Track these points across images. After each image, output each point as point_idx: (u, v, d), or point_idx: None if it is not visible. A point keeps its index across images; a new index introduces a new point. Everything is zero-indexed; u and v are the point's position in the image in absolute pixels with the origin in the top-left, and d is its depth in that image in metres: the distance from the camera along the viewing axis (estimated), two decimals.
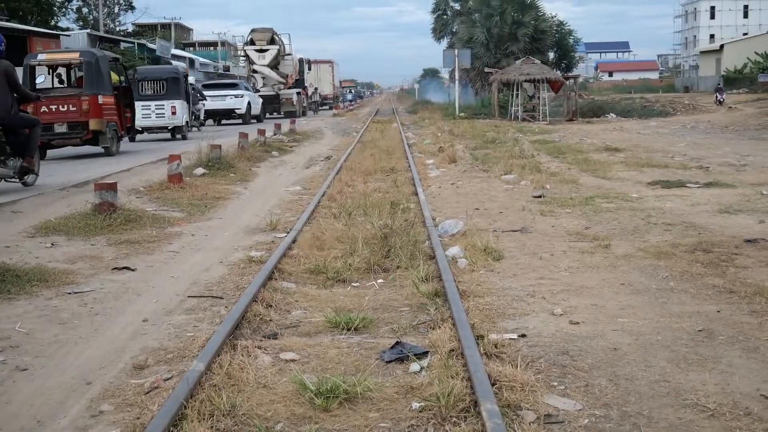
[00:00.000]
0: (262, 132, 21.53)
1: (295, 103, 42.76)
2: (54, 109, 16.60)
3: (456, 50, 42.11)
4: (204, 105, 31.60)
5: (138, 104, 20.56)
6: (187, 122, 24.63)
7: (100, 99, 17.01)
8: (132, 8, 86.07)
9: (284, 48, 44.15)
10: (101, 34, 67.50)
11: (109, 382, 4.42)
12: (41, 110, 15.61)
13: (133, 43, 68.23)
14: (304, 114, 45.44)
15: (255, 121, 34.99)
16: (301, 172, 15.88)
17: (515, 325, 5.29)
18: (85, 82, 17.15)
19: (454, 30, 55.12)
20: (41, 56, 18.06)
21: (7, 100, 11.10)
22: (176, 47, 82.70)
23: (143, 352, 4.87)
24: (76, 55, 17.89)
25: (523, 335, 5.04)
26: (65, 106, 16.84)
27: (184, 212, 10.32)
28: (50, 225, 8.88)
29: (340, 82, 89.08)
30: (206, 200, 11.28)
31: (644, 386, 4.14)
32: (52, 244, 8.09)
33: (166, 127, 24.25)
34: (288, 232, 8.58)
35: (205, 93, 32.68)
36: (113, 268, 7.12)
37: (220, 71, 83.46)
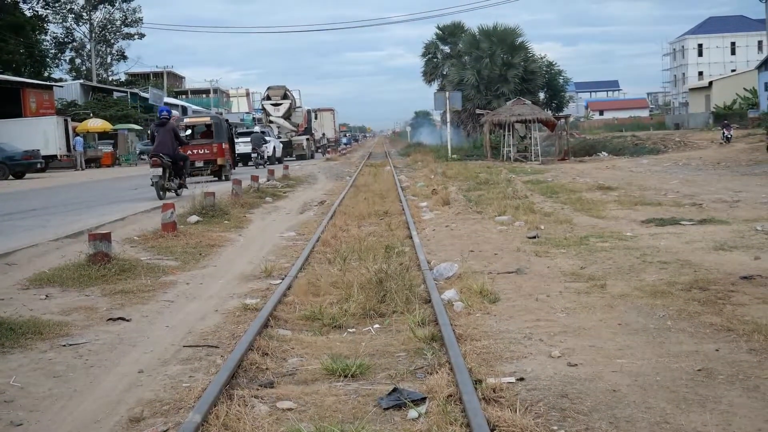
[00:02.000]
0: (255, 178, 21.57)
1: (305, 147, 51.61)
2: (195, 152, 25.00)
3: (447, 92, 42.45)
4: (267, 147, 39.71)
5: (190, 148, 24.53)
6: (230, 163, 28.17)
7: (223, 145, 26.24)
8: (124, 58, 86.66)
9: (295, 102, 52.47)
10: (94, 84, 67.94)
11: None
12: (188, 152, 22.10)
13: (126, 92, 68.63)
14: (312, 156, 52.71)
15: (277, 162, 40.71)
16: (295, 217, 15.88)
17: (513, 368, 5.26)
18: (214, 135, 26.32)
19: (444, 72, 55.62)
20: (186, 120, 28.53)
21: (174, 144, 18.99)
22: (169, 95, 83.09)
23: (139, 404, 4.83)
24: (208, 119, 28.64)
25: (522, 378, 5.01)
26: (202, 150, 25.85)
27: (179, 261, 10.29)
28: (44, 276, 8.85)
29: (339, 126, 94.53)
30: (201, 248, 11.25)
31: (645, 428, 4.12)
32: (47, 296, 8.05)
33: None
34: (283, 279, 8.55)
35: (238, 140, 36.55)
36: (108, 319, 7.08)
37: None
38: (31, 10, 74.65)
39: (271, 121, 50.00)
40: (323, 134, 68.85)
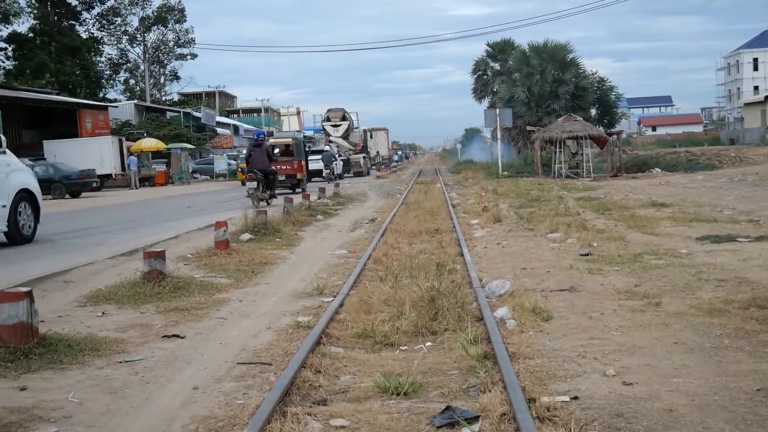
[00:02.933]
0: (306, 196, 21.72)
1: (362, 165, 55.54)
2: (278, 168, 27.32)
3: (497, 109, 42.36)
4: (336, 164, 45.36)
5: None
6: (306, 178, 32.62)
7: (302, 162, 31.27)
8: (177, 78, 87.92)
9: (353, 123, 57.89)
10: (147, 104, 69.00)
11: None
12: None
13: (179, 111, 69.57)
14: (368, 173, 56.42)
15: (338, 178, 44.31)
16: (346, 235, 15.93)
17: (567, 387, 5.21)
18: (294, 153, 31.06)
19: (494, 90, 55.61)
20: (271, 140, 32.12)
21: (267, 161, 23.31)
22: (221, 115, 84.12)
23: (194, 420, 4.87)
24: (290, 139, 33.59)
25: (576, 397, 4.96)
26: (284, 166, 29.64)
27: (232, 278, 10.37)
28: (101, 294, 8.99)
29: (392, 144, 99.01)
30: (253, 266, 11.34)
31: None
32: (103, 313, 8.18)
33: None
34: (335, 296, 8.58)
35: (311, 158, 40.69)
36: (163, 336, 7.16)
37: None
38: (87, 33, 76.20)
39: (330, 141, 54.30)
40: (377, 152, 72.95)
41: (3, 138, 14.44)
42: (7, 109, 42.84)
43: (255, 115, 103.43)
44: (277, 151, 30.03)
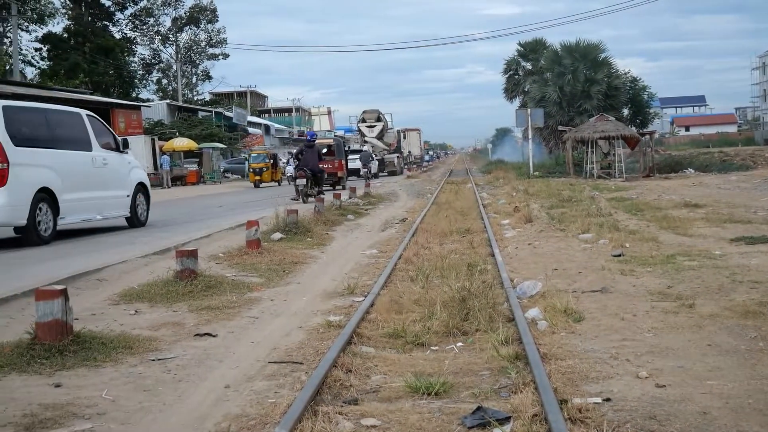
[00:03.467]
0: (337, 196, 21.77)
1: (396, 164, 58.73)
2: (323, 167, 28.54)
3: (528, 109, 42.23)
4: (372, 164, 48.58)
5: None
6: (345, 175, 36.66)
7: (342, 161, 35.95)
8: (209, 78, 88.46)
9: (387, 124, 59.88)
10: (180, 103, 69.48)
11: None
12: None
13: (211, 111, 70.00)
14: (401, 172, 58.38)
15: (374, 177, 47.27)
16: (376, 235, 15.95)
17: (599, 388, 5.19)
18: (335, 153, 35.24)
19: (526, 89, 55.40)
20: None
21: (317, 161, 25.72)
22: (252, 114, 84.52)
23: (226, 419, 4.90)
24: (332, 140, 38.68)
25: (608, 399, 4.94)
26: (327, 165, 31.19)
27: (263, 277, 10.42)
28: (133, 292, 9.06)
29: (424, 143, 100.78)
30: (284, 265, 11.38)
31: None
32: (136, 311, 8.24)
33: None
34: (366, 296, 8.59)
35: (350, 157, 43.62)
36: (195, 335, 7.21)
37: (294, 137, 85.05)
38: (120, 33, 76.92)
39: (365, 141, 55.91)
40: (409, 152, 74.98)
41: (127, 140, 17.44)
42: None
43: (286, 114, 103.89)
44: (324, 151, 32.32)
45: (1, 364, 6.07)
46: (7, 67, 56.39)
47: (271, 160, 46.69)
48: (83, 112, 16.29)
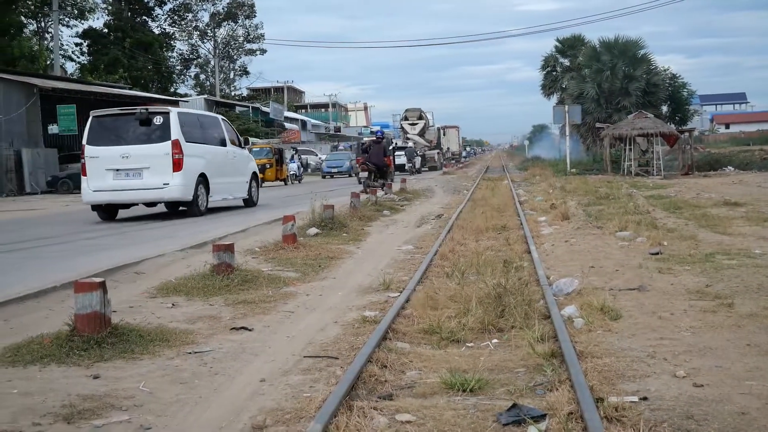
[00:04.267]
0: (373, 191, 21.78)
1: (436, 160, 61.61)
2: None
3: (566, 106, 41.95)
4: (416, 160, 51.74)
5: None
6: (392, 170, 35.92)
7: (390, 157, 33.55)
8: (246, 73, 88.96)
9: (428, 121, 62.99)
10: (217, 98, 69.90)
11: None
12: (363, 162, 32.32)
13: (248, 106, 70.36)
14: (441, 168, 60.97)
15: (417, 173, 50.09)
16: (412, 230, 15.94)
17: (636, 387, 5.14)
18: (384, 151, 31.53)
19: (563, 86, 55.05)
20: (365, 138, 42.03)
21: (383, 156, 27.88)
22: (289, 110, 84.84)
23: (261, 412, 4.93)
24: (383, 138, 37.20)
25: (645, 398, 4.89)
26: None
27: (299, 272, 10.45)
28: (171, 285, 9.14)
29: (462, 140, 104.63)
30: (320, 260, 11.41)
31: None
32: (173, 305, 8.31)
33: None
34: (401, 292, 8.58)
35: (396, 153, 45.25)
36: (231, 328, 7.25)
37: (331, 132, 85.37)
38: (159, 28, 77.59)
39: (408, 138, 58.54)
40: (448, 148, 77.95)
41: (248, 138, 24.03)
42: (81, 104, 43.77)
43: (323, 110, 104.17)
44: (393, 147, 37.09)
45: (41, 355, 6.15)
46: (48, 62, 57.15)
47: (276, 156, 42.58)
48: (219, 117, 21.50)
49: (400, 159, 47.30)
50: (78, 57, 69.56)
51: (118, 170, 17.93)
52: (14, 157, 38.20)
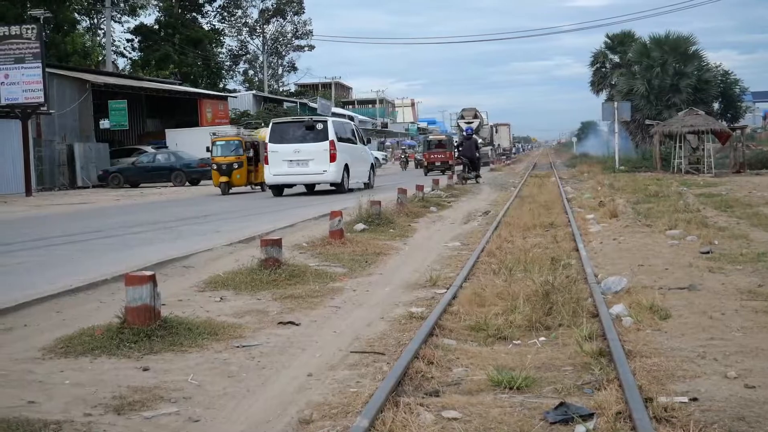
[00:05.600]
0: (420, 188, 21.74)
1: (489, 155, 64.90)
2: (435, 156, 44.08)
3: (615, 103, 41.48)
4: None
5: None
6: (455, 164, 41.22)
7: (452, 153, 41.08)
8: (294, 69, 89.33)
9: (483, 120, 67.82)
10: (265, 94, 70.34)
11: None
12: (431, 156, 45.25)
13: (296, 102, 70.68)
14: (494, 163, 64.81)
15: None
16: (459, 227, 15.90)
17: (686, 387, 5.08)
18: (446, 146, 42.98)
19: (613, 82, 54.44)
20: (431, 136, 50.89)
21: (474, 150, 32.65)
22: (336, 105, 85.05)
23: (308, 406, 4.95)
24: (444, 136, 48.02)
25: (695, 399, 4.83)
26: (440, 155, 43.76)
27: (346, 268, 10.48)
28: (219, 280, 9.21)
29: (513, 137, 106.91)
30: (366, 256, 11.43)
31: None
32: (221, 299, 8.38)
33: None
34: (448, 288, 8.57)
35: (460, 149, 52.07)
36: (278, 323, 7.30)
37: (378, 128, 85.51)
38: (209, 25, 78.21)
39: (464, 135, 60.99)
40: (499, 144, 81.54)
41: (370, 138, 31.25)
42: (132, 99, 44.36)
43: (370, 106, 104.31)
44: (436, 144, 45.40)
45: (92, 346, 6.25)
46: (100, 58, 57.95)
47: (250, 152, 30.08)
48: (352, 122, 30.41)
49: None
50: (129, 53, 70.51)
51: (291, 161, 25.18)
52: (67, 151, 38.81)
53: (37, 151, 35.68)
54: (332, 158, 24.84)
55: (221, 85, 74.64)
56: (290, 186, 26.64)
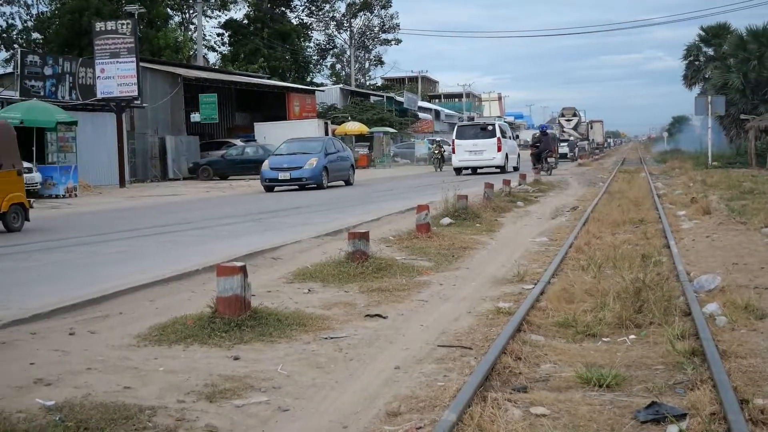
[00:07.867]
0: (507, 182, 21.59)
1: (585, 149, 67.17)
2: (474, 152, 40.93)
3: (709, 97, 40.45)
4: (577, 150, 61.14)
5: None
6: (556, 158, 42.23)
7: (555, 147, 40.69)
8: (381, 63, 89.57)
9: (581, 117, 73.02)
10: (352, 88, 70.73)
11: (364, 427, 4.55)
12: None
13: (382, 96, 70.85)
14: (581, 158, 64.10)
15: (572, 161, 55.70)
16: (546, 222, 15.74)
17: None
18: (552, 141, 38.79)
19: (706, 76, 53.14)
20: (465, 123, 49.07)
21: (551, 146, 36.92)
22: (422, 99, 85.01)
23: (396, 399, 4.97)
24: (539, 132, 40.79)
25: None
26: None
27: (432, 261, 10.48)
28: (307, 272, 9.32)
29: (605, 132, 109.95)
30: (453, 250, 11.40)
31: None
32: (309, 290, 8.48)
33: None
34: (535, 284, 8.49)
35: (561, 144, 53.93)
36: (366, 315, 7.34)
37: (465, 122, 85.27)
38: (297, 19, 78.98)
39: (564, 131, 67.66)
40: (593, 139, 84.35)
41: (517, 135, 39.04)
42: (222, 93, 45.09)
43: (456, 100, 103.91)
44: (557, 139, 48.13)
45: (184, 335, 6.39)
46: (192, 53, 59.07)
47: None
48: (497, 123, 37.56)
49: (563, 149, 56.14)
50: (219, 47, 71.67)
51: (470, 151, 35.36)
52: (159, 144, 39.68)
53: (130, 144, 36.53)
54: (499, 149, 35.09)
55: (309, 79, 75.32)
56: (468, 169, 36.25)
